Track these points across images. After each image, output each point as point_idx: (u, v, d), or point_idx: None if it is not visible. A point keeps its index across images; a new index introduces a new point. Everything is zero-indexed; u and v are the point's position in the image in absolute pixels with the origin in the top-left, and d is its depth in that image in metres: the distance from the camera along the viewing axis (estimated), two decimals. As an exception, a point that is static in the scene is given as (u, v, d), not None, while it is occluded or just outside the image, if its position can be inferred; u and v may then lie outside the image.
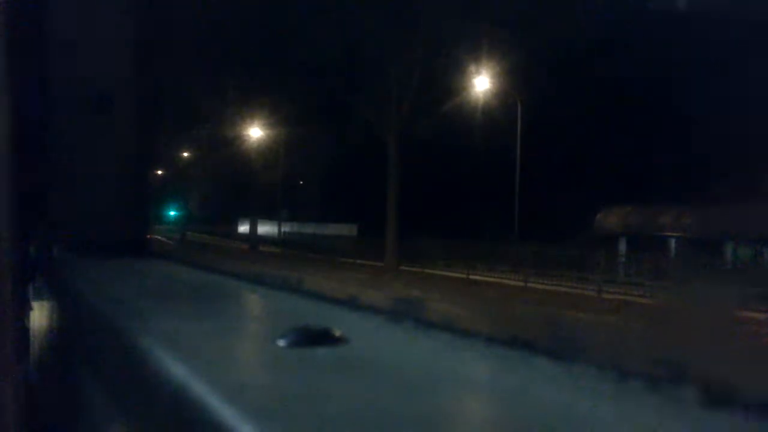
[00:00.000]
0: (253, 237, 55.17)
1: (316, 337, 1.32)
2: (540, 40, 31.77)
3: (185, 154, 61.24)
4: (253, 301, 2.19)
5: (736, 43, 27.75)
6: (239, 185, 55.66)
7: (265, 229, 59.67)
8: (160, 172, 54.29)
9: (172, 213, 66.13)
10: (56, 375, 2.50)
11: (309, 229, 56.52)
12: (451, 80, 35.34)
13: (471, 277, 30.83)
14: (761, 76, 25.91)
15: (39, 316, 2.86)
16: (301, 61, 36.55)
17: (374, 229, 40.49)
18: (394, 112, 36.13)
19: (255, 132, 50.16)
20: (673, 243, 32.86)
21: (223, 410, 0.94)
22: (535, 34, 31.53)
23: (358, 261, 39.47)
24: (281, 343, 1.30)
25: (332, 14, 32.54)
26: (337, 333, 1.34)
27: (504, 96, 35.89)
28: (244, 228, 62.08)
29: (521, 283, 28.27)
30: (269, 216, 58.08)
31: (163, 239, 49.96)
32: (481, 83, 35.79)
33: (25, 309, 2.69)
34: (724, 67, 29.14)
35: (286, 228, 58.83)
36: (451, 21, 32.11)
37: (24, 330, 2.63)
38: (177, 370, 1.15)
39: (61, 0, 3.26)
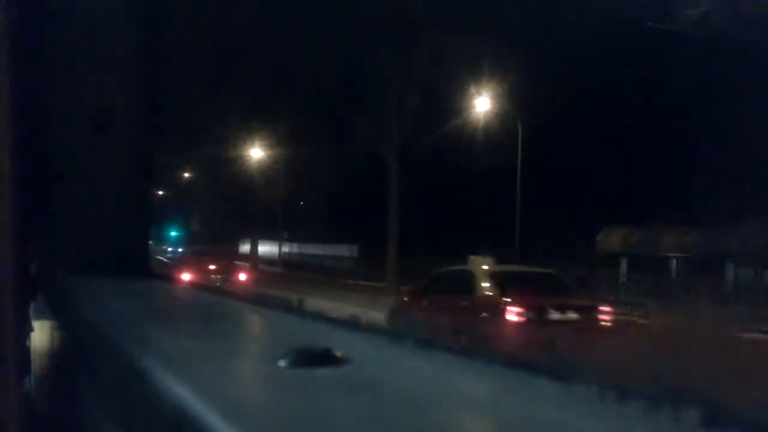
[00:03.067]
0: (253, 257, 55.15)
1: (317, 358, 1.31)
2: (541, 60, 31.88)
3: (186, 175, 61.33)
4: (254, 322, 2.19)
5: (738, 62, 27.82)
6: (240, 206, 55.66)
7: (266, 249, 59.61)
8: (161, 192, 54.35)
9: (173, 233, 66.12)
10: (57, 394, 2.49)
11: (310, 249, 56.47)
12: (452, 100, 35.40)
13: (472, 297, 30.70)
14: (763, 95, 25.95)
15: (40, 335, 2.86)
16: (303, 81, 36.68)
17: (375, 249, 40.42)
18: (395, 132, 36.19)
19: (256, 152, 50.26)
20: (674, 263, 32.78)
21: (225, 430, 0.95)
22: (536, 54, 31.64)
23: (359, 281, 39.36)
24: (282, 363, 1.30)
25: (333, 34, 32.67)
26: (339, 353, 1.34)
27: (504, 116, 35.94)
28: (245, 248, 62.07)
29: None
30: (270, 236, 58.05)
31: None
32: (482, 103, 35.86)
33: (26, 328, 2.69)
34: (726, 86, 29.16)
35: (286, 248, 58.79)
36: (453, 41, 32.22)
37: (25, 349, 2.63)
38: (178, 389, 1.15)
39: (63, 21, 3.28)
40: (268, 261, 55.95)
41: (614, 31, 29.87)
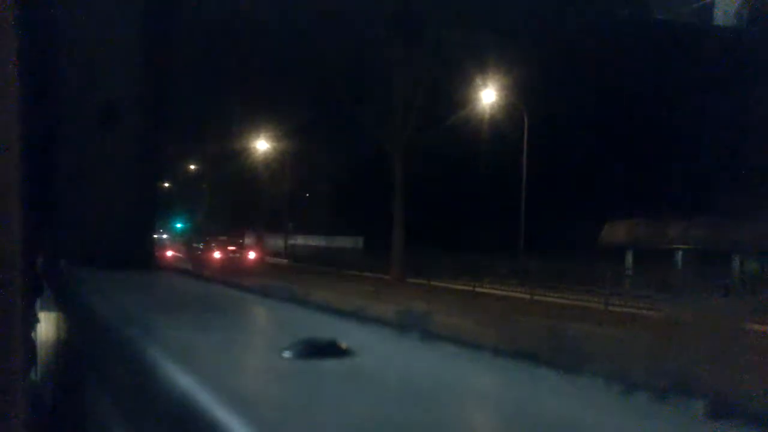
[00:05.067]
0: (259, 249, 55.30)
1: (323, 349, 1.32)
2: (546, 53, 31.83)
3: (192, 167, 61.37)
4: (260, 313, 2.19)
5: (743, 55, 27.74)
6: (246, 198, 55.73)
7: (271, 241, 59.69)
8: (167, 185, 54.40)
9: (178, 225, 66.31)
10: (63, 386, 2.50)
11: (315, 241, 56.53)
12: (457, 93, 35.37)
13: (477, 289, 30.74)
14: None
15: (46, 327, 2.87)
16: (308, 74, 36.67)
17: (380, 241, 40.48)
18: (400, 125, 36.17)
19: (261, 145, 50.28)
20: (680, 256, 32.76)
21: (230, 421, 0.95)
22: (542, 46, 31.59)
23: (364, 273, 39.41)
24: (287, 354, 1.30)
25: (339, 26, 32.64)
26: (344, 345, 1.34)
27: (510, 108, 35.87)
28: (250, 240, 62.16)
29: (527, 296, 28.17)
30: (276, 228, 58.10)
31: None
32: (488, 96, 35.79)
33: (31, 321, 2.70)
34: (732, 78, 29.10)
35: (292, 240, 58.85)
36: (457, 34, 32.17)
37: (30, 341, 2.64)
38: (184, 381, 1.15)
39: (69, 14, 3.28)
40: (274, 253, 56.03)
41: (621, 24, 29.81)
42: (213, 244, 42.05)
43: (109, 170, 3.43)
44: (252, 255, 40.47)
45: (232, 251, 40.37)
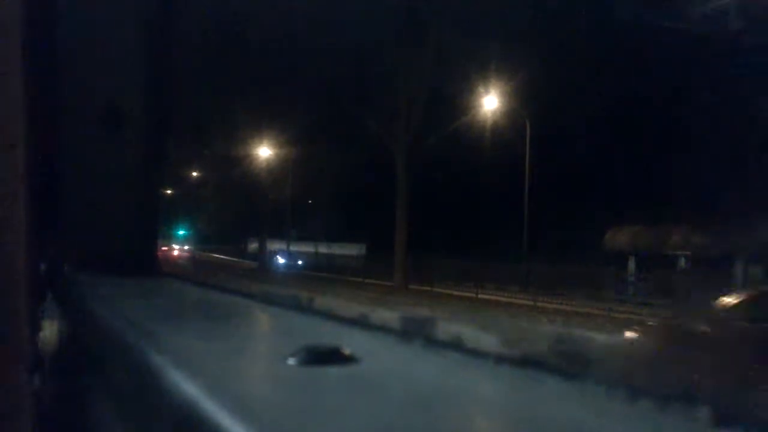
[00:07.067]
0: (262, 256, 55.31)
1: (326, 356, 1.31)
2: (549, 58, 31.83)
3: (195, 174, 61.37)
4: (264, 320, 2.19)
5: (749, 60, 27.68)
6: (248, 204, 55.75)
7: (274, 248, 59.62)
8: (169, 191, 54.40)
9: (181, 232, 66.42)
10: (67, 393, 2.50)
11: (318, 248, 56.47)
12: (460, 98, 35.33)
13: (480, 296, 30.70)
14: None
15: (49, 333, 2.87)
16: (311, 78, 36.67)
17: (383, 248, 40.41)
18: (403, 130, 36.15)
19: (264, 151, 50.26)
20: (682, 261, 32.68)
21: (234, 428, 0.95)
22: (545, 52, 31.59)
23: (367, 280, 39.32)
24: (291, 361, 1.30)
25: (343, 32, 32.64)
26: (347, 352, 1.34)
27: (513, 114, 35.86)
28: (253, 247, 62.14)
29: (530, 302, 28.11)
30: (278, 235, 58.04)
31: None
32: (490, 102, 35.77)
33: (36, 327, 2.70)
34: (736, 84, 29.03)
35: (295, 247, 58.78)
36: (461, 39, 32.16)
37: (35, 348, 2.64)
38: (188, 388, 1.15)
39: (75, 20, 3.29)
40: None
41: (624, 29, 29.77)
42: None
43: (113, 176, 3.44)
44: (175, 252, 60.79)
45: (164, 250, 56.45)
